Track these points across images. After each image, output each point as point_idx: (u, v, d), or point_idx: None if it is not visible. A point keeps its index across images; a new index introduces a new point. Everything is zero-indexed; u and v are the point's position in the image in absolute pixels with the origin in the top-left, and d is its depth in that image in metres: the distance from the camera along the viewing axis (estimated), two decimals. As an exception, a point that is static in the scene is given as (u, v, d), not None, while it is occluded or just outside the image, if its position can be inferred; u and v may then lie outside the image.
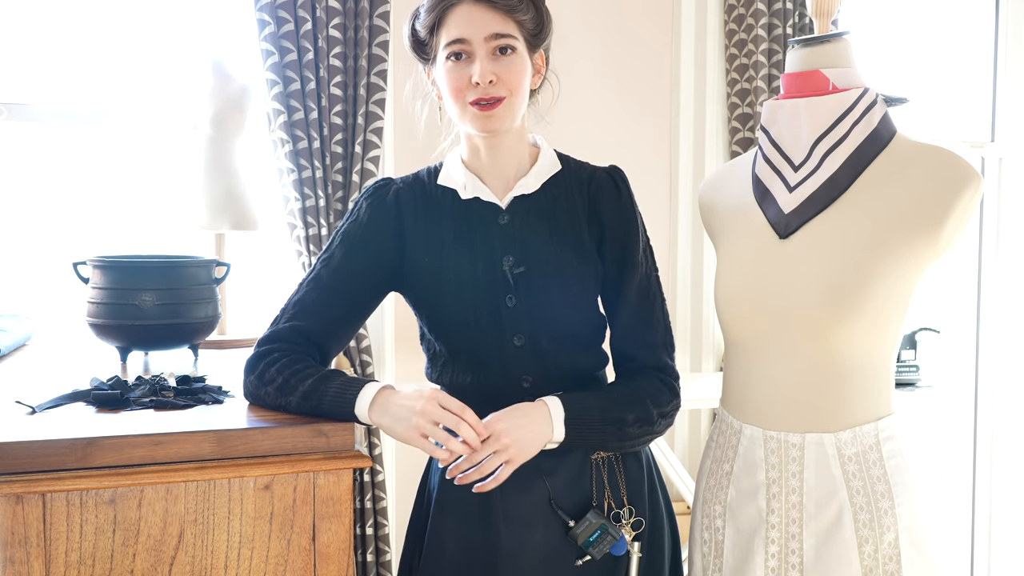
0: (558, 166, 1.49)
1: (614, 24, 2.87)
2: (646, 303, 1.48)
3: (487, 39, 1.36)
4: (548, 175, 1.47)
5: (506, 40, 1.37)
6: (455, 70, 1.38)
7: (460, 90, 1.37)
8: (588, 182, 1.49)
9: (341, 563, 1.28)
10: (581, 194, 1.48)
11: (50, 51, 2.44)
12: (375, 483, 2.48)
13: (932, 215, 1.33)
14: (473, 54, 1.37)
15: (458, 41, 1.36)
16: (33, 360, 1.86)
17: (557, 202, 1.46)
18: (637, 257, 1.48)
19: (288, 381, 1.33)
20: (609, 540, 1.41)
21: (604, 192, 1.48)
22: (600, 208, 1.48)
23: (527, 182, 1.45)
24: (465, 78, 1.37)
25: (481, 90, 1.36)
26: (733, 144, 2.85)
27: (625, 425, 1.40)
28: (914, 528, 1.36)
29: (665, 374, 1.47)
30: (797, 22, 2.83)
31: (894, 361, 1.40)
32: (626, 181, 1.51)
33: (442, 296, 1.43)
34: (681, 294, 2.95)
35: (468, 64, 1.37)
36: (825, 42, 1.44)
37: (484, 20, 1.36)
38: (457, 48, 1.37)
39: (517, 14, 1.38)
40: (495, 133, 1.40)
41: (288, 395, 1.32)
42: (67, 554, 1.16)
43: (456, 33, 1.36)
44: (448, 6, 1.37)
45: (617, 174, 1.51)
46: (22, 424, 1.23)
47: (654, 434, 1.44)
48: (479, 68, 1.35)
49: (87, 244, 2.45)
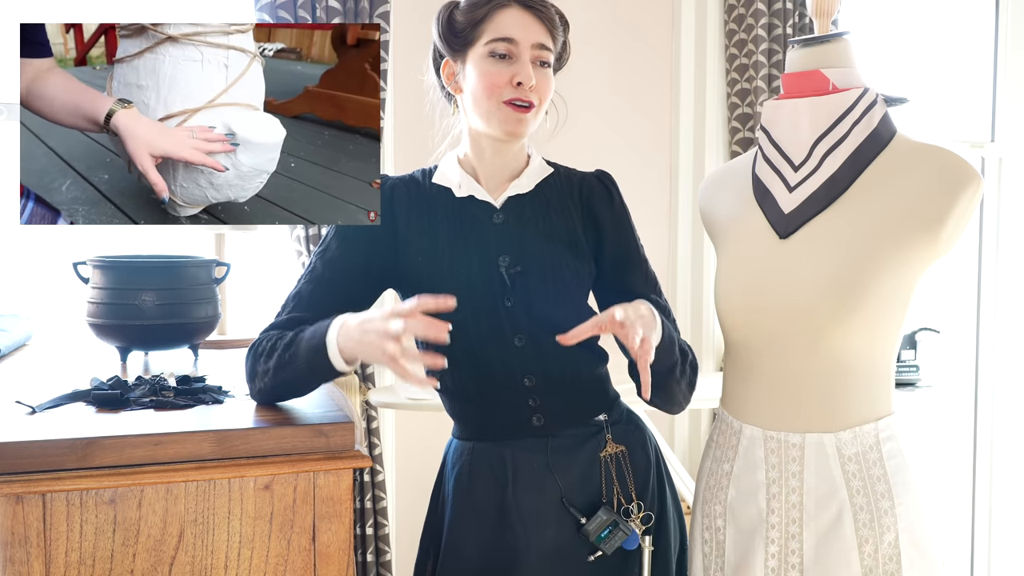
0: (549, 170, 1.52)
1: (614, 24, 2.87)
2: (655, 293, 1.53)
3: (533, 46, 1.40)
4: (540, 177, 1.51)
5: (548, 54, 1.42)
6: (496, 66, 1.39)
7: (497, 87, 1.39)
8: (579, 185, 1.53)
9: (341, 563, 1.28)
10: (572, 196, 1.51)
11: (50, 51, 2.44)
12: (375, 483, 2.48)
13: (932, 215, 1.33)
14: (517, 57, 1.39)
15: (507, 40, 1.39)
16: (33, 360, 1.86)
17: (550, 202, 1.49)
18: (637, 252, 1.53)
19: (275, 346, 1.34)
20: (620, 536, 1.43)
21: (596, 195, 1.52)
22: (594, 211, 1.51)
23: (521, 183, 1.48)
24: (505, 76, 1.39)
25: (522, 91, 1.39)
26: (733, 144, 2.86)
27: (686, 360, 1.45)
28: (914, 528, 1.36)
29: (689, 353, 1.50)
30: (797, 22, 2.83)
31: (894, 361, 1.40)
32: (615, 184, 1.55)
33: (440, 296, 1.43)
34: (681, 294, 2.95)
35: (510, 64, 1.40)
36: (825, 42, 1.44)
37: (533, 27, 1.40)
38: (504, 48, 1.39)
39: (556, 33, 1.44)
40: (520, 137, 1.43)
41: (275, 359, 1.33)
42: (67, 554, 1.16)
43: (506, 32, 1.39)
44: (499, 5, 1.40)
45: (605, 177, 1.55)
46: (22, 424, 1.23)
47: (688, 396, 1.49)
48: (525, 71, 1.38)
49: (87, 244, 2.45)
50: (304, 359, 1.30)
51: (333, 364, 1.29)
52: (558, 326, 1.44)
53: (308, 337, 1.31)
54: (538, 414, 1.44)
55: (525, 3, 1.41)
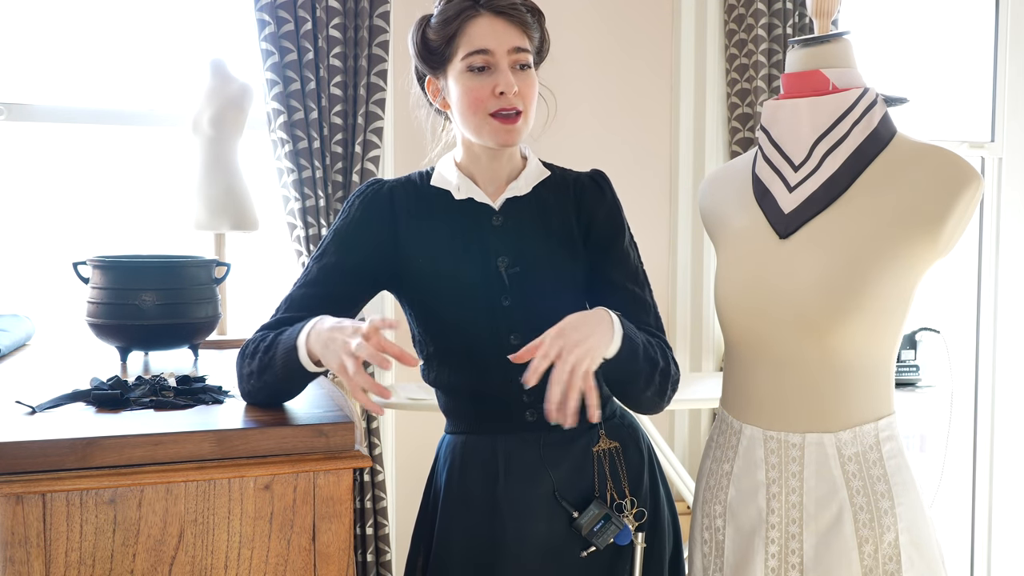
0: (546, 172, 1.52)
1: (614, 24, 2.87)
2: (637, 287, 1.49)
3: (510, 52, 1.38)
4: (538, 180, 1.51)
5: (526, 55, 1.40)
6: (476, 80, 1.38)
7: (481, 100, 1.38)
8: (574, 184, 1.53)
9: (341, 563, 1.28)
10: (568, 196, 1.51)
11: (50, 51, 2.44)
12: (375, 483, 2.48)
13: (932, 215, 1.33)
14: (495, 66, 1.38)
15: (482, 52, 1.37)
16: (33, 360, 1.86)
17: (547, 204, 1.49)
18: (624, 245, 1.51)
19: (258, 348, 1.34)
20: (613, 530, 1.43)
21: (589, 192, 1.52)
22: (586, 206, 1.51)
23: (518, 185, 1.48)
24: (487, 88, 1.38)
25: (506, 100, 1.37)
26: (733, 144, 2.86)
27: (656, 369, 1.38)
28: (914, 528, 1.36)
29: (668, 349, 1.47)
30: (797, 22, 2.83)
31: (894, 361, 1.40)
32: (608, 181, 1.55)
33: (438, 296, 1.45)
34: (681, 294, 2.95)
35: (490, 75, 1.38)
36: (825, 42, 1.44)
37: (506, 33, 1.38)
38: (481, 60, 1.37)
39: (531, 31, 1.41)
40: (512, 146, 1.42)
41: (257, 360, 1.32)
42: (67, 554, 1.16)
43: (480, 44, 1.37)
44: (468, 17, 1.38)
45: (599, 176, 1.55)
46: (22, 424, 1.23)
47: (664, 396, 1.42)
48: (505, 79, 1.37)
49: (87, 244, 2.45)
50: (280, 360, 1.30)
51: (304, 365, 1.28)
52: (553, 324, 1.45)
53: (285, 338, 1.31)
54: (531, 409, 1.45)
55: (495, 9, 1.38)
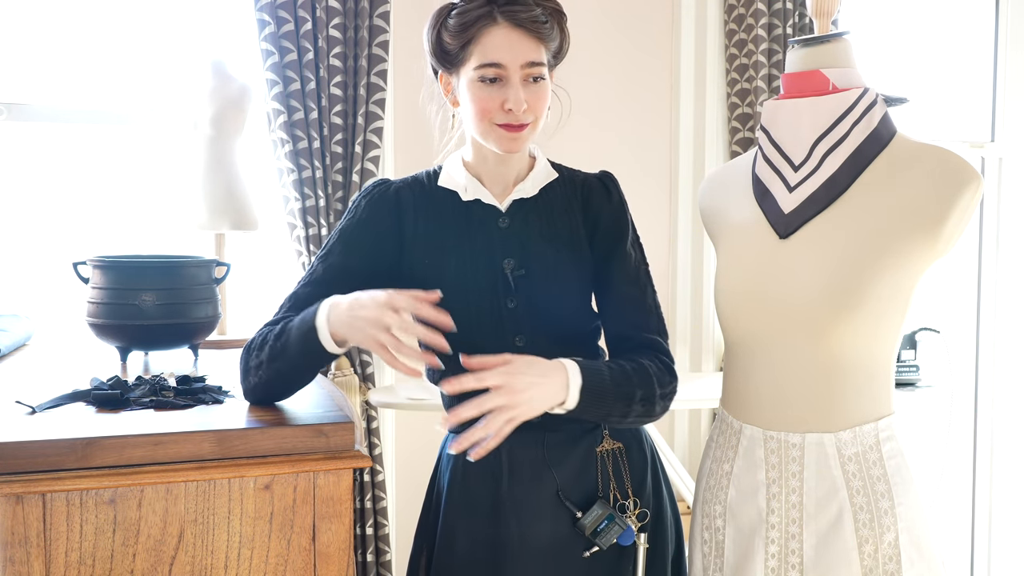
0: (555, 174, 1.52)
1: (614, 24, 2.87)
2: (637, 289, 1.49)
3: (523, 67, 1.37)
4: (545, 181, 1.50)
5: (539, 69, 1.39)
6: (486, 91, 1.38)
7: (488, 111, 1.38)
8: (581, 186, 1.53)
9: (341, 563, 1.28)
10: (576, 198, 1.51)
11: (50, 51, 2.44)
12: (375, 483, 2.48)
13: (932, 215, 1.33)
14: (507, 80, 1.37)
15: (494, 66, 1.36)
16: (33, 360, 1.86)
17: (554, 206, 1.49)
18: (626, 246, 1.51)
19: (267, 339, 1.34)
20: (616, 530, 1.43)
21: (595, 192, 1.52)
22: (592, 207, 1.51)
23: (525, 186, 1.48)
24: (496, 101, 1.37)
25: (513, 116, 1.37)
26: (733, 144, 2.85)
27: (632, 402, 1.38)
28: (914, 528, 1.36)
29: (663, 355, 1.46)
30: (797, 22, 2.83)
31: (894, 361, 1.40)
32: (616, 183, 1.55)
33: (443, 297, 1.44)
34: (681, 294, 2.95)
35: (500, 88, 1.38)
36: (825, 42, 1.44)
37: (521, 46, 1.37)
38: (493, 72, 1.37)
39: (548, 40, 1.40)
40: (517, 152, 1.43)
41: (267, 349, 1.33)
42: (67, 554, 1.16)
43: (494, 57, 1.36)
44: (485, 26, 1.37)
45: (607, 177, 1.55)
46: (22, 424, 1.23)
47: (652, 416, 1.42)
48: (515, 96, 1.36)
49: (87, 244, 2.45)
50: (296, 345, 1.30)
51: (324, 346, 1.29)
52: (558, 327, 1.45)
53: (298, 324, 1.31)
54: None
55: (513, 20, 1.36)
